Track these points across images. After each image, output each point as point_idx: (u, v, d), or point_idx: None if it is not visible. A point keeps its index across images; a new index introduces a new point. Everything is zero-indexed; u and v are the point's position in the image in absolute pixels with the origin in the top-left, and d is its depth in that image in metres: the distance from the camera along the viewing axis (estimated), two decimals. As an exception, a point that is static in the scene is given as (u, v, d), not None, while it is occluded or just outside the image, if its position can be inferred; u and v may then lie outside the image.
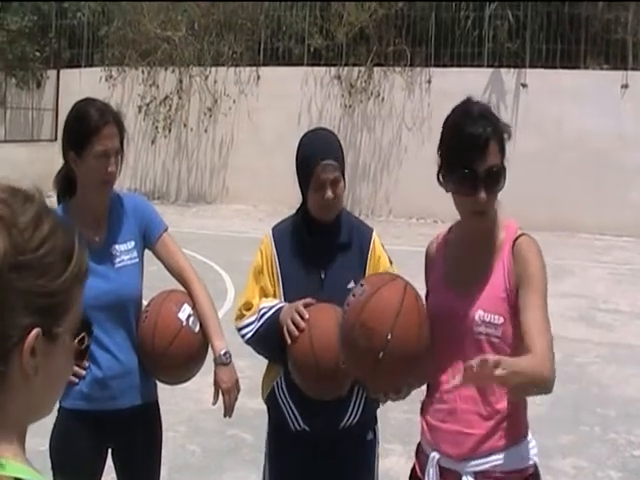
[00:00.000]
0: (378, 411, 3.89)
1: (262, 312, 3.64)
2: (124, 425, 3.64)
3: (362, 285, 3.13)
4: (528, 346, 2.86)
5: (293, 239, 3.76)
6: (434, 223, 18.69)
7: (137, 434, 3.67)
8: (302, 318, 3.45)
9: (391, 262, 3.82)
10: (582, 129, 17.72)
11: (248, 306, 3.72)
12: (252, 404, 3.81)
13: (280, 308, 3.59)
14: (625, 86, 18.16)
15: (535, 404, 7.46)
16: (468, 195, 3.02)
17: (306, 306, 3.50)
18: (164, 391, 3.92)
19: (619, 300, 12.05)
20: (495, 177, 3.01)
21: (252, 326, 3.66)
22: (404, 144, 19.77)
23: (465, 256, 3.17)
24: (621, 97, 18.16)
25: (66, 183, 3.69)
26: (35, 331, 1.33)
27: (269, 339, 3.60)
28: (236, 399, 3.72)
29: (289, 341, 3.46)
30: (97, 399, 3.62)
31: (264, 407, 3.87)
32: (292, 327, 3.44)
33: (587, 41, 19.48)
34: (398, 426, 6.62)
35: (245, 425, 6.49)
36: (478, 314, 3.02)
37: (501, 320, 3.00)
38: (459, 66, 19.74)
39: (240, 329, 3.72)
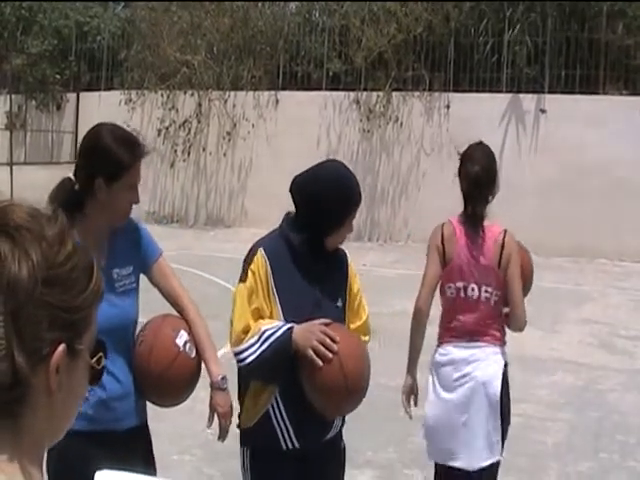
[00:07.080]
0: (397, 436, 3.88)
1: (265, 335, 3.54)
2: (122, 446, 3.55)
3: None
4: None
5: (289, 258, 3.70)
6: (452, 248, 18.64)
7: (135, 454, 3.61)
8: (333, 341, 3.45)
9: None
10: (601, 154, 17.64)
11: (246, 329, 3.60)
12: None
13: (288, 329, 3.53)
14: (644, 112, 18.10)
15: (554, 431, 7.45)
16: None
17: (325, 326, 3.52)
18: (179, 414, 3.92)
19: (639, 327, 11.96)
20: None
21: (253, 349, 3.56)
22: (422, 169, 19.74)
23: None
24: (641, 123, 18.10)
25: (74, 200, 3.55)
26: (62, 346, 1.33)
27: (276, 362, 3.55)
28: (230, 422, 3.79)
29: (319, 364, 3.43)
30: (101, 420, 3.57)
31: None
32: (323, 350, 3.43)
33: (606, 66, 19.45)
34: (417, 451, 6.57)
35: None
36: None
37: None
38: (478, 91, 19.73)
39: (239, 353, 3.60)
